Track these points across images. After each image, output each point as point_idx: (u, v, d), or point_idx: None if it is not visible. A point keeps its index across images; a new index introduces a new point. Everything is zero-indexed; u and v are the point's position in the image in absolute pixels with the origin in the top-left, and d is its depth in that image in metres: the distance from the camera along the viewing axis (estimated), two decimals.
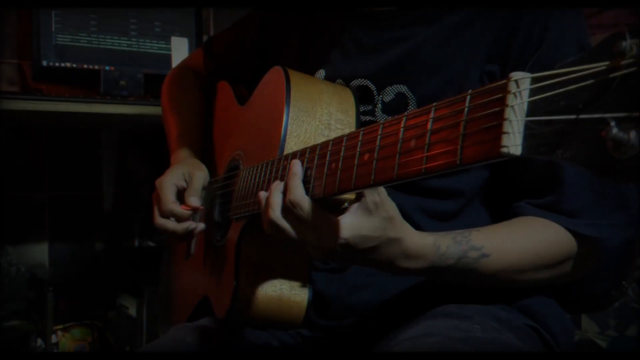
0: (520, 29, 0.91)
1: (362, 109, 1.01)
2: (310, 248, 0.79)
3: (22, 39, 2.29)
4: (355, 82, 1.02)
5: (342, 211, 0.77)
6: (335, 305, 0.99)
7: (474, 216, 0.98)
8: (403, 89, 0.98)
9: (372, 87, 1.01)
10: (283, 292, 0.96)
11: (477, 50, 0.94)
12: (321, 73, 1.07)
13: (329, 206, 0.78)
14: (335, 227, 0.75)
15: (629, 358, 1.58)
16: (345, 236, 0.75)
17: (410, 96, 0.97)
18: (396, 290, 0.98)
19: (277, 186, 0.80)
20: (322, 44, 1.09)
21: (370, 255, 0.78)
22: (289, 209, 0.77)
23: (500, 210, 0.97)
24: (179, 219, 1.07)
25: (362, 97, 1.01)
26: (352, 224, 0.75)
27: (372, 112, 1.00)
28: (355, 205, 0.76)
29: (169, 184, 1.10)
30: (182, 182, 1.12)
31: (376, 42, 1.02)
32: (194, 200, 1.08)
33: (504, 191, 0.97)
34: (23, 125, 2.32)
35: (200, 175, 1.13)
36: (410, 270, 0.82)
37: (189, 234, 1.08)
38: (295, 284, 0.97)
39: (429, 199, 0.97)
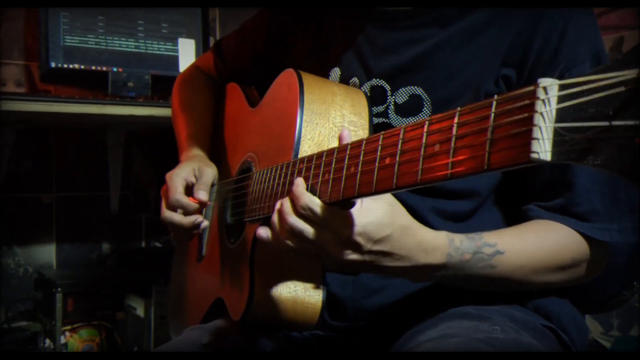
0: (537, 36, 0.91)
1: (374, 110, 1.00)
2: (331, 251, 0.79)
3: (29, 40, 2.29)
4: (371, 82, 1.02)
5: None
6: (350, 307, 1.00)
7: (487, 216, 0.98)
8: (418, 90, 0.97)
9: (387, 87, 1.00)
10: (297, 294, 0.96)
11: (493, 54, 0.94)
12: (336, 72, 1.07)
13: None
14: (349, 218, 0.76)
15: (633, 358, 1.59)
16: (362, 223, 0.76)
17: (426, 98, 0.97)
18: (411, 293, 0.98)
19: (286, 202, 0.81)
20: (336, 43, 1.09)
21: (387, 248, 0.79)
22: (301, 215, 0.78)
23: (512, 210, 0.97)
24: (186, 210, 1.08)
25: (375, 99, 1.01)
26: (363, 211, 0.76)
27: (384, 114, 1.00)
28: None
29: (179, 177, 1.11)
30: (192, 177, 1.13)
31: (391, 43, 1.02)
32: (203, 195, 1.09)
33: (516, 192, 0.97)
34: (30, 127, 2.32)
35: (210, 171, 1.14)
36: (429, 266, 0.82)
37: (195, 227, 1.08)
38: (310, 286, 0.97)
39: (443, 200, 0.97)
